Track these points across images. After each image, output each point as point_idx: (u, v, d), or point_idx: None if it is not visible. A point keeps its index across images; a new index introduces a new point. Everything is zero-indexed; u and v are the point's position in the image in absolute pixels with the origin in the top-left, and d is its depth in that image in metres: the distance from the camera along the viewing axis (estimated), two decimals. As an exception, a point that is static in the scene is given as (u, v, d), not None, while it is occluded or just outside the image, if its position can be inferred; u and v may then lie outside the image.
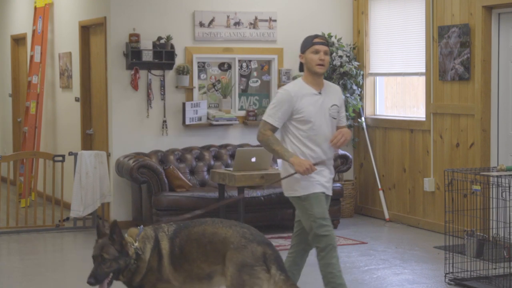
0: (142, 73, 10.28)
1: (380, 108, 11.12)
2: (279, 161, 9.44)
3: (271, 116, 5.99)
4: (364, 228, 10.18)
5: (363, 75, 11.03)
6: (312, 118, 5.94)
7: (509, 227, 7.19)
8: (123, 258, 4.97)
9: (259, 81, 10.98)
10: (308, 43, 6.07)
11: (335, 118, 6.05)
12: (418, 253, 8.77)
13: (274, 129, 5.99)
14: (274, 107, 5.99)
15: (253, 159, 9.16)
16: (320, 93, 6.01)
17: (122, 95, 10.25)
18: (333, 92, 6.09)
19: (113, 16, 10.21)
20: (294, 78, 10.94)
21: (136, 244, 5.01)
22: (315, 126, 5.96)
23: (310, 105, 5.95)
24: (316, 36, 6.09)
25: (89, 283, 4.92)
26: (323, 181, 6.00)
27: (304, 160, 5.88)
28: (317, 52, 5.99)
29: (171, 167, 9.87)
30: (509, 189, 7.01)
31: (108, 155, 10.27)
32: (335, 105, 6.04)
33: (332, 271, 5.89)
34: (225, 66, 10.79)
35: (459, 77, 9.44)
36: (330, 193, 6.08)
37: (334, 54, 10.78)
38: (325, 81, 6.12)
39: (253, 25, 10.79)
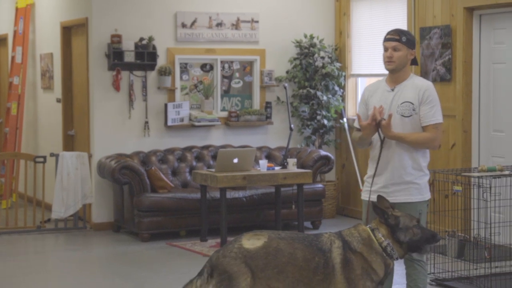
0: (124, 74, 10.25)
1: (362, 109, 11.13)
2: (261, 161, 9.48)
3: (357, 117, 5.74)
4: (346, 228, 10.17)
5: (345, 76, 11.05)
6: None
7: (490, 227, 7.22)
8: None
9: (241, 82, 10.97)
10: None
11: (406, 116, 5.52)
12: (399, 253, 8.77)
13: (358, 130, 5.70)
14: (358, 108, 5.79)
15: (235, 160, 9.16)
16: (393, 89, 5.60)
17: (104, 96, 10.22)
18: (411, 88, 5.56)
19: (94, 16, 10.19)
20: (276, 79, 10.98)
21: None
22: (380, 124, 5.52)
23: (378, 102, 5.58)
24: (388, 32, 5.69)
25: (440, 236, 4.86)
26: (376, 187, 5.61)
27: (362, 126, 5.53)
28: (386, 49, 5.63)
29: (153, 168, 9.85)
30: (490, 190, 7.04)
31: (90, 156, 10.23)
32: (407, 102, 5.53)
33: None
34: (207, 67, 10.79)
35: (440, 78, 9.48)
36: (404, 202, 5.55)
37: (316, 55, 10.80)
38: (412, 78, 5.64)
39: (235, 26, 10.78)
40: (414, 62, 5.67)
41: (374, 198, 5.49)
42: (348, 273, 4.73)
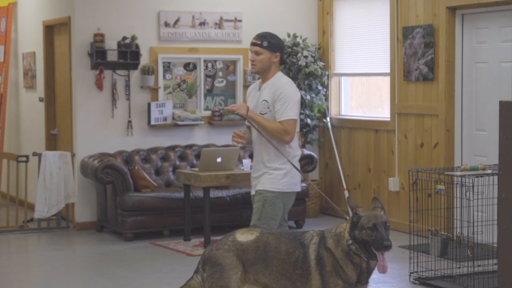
0: (107, 73, 10.23)
1: (345, 108, 11.16)
2: (244, 161, 9.48)
3: None
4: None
5: (328, 75, 11.06)
6: None
7: (473, 226, 7.24)
8: None
9: (225, 81, 10.97)
10: None
11: (263, 114, 6.10)
12: (383, 252, 8.78)
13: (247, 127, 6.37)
14: None
15: (219, 159, 9.15)
16: (259, 89, 6.21)
17: (86, 95, 10.19)
18: (270, 87, 6.14)
19: (77, 15, 10.16)
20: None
21: None
22: (249, 121, 6.21)
23: (251, 102, 6.25)
24: (253, 37, 6.24)
25: (390, 246, 4.68)
26: (253, 183, 6.24)
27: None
28: (250, 53, 6.26)
29: (136, 167, 9.83)
30: (473, 189, 7.06)
31: (73, 156, 10.20)
32: (264, 100, 6.12)
33: None
34: (190, 66, 10.77)
35: (423, 78, 9.50)
36: (257, 189, 6.13)
37: (300, 54, 10.80)
38: (274, 78, 6.17)
39: (218, 25, 10.78)
40: (282, 62, 6.24)
41: (252, 190, 6.20)
42: (320, 269, 4.77)
